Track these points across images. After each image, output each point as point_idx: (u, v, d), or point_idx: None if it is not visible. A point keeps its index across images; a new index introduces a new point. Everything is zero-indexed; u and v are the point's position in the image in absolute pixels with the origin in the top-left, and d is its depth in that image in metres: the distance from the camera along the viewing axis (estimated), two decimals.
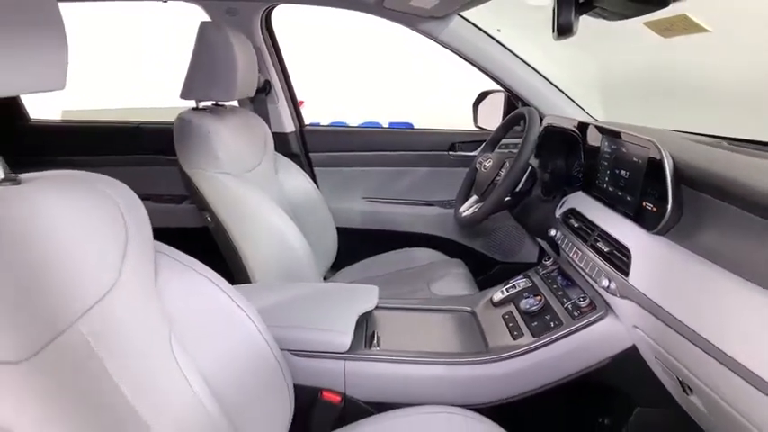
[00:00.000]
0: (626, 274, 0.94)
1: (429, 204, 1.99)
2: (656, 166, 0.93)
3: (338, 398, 1.06)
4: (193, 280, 0.88)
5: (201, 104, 1.42)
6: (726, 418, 0.74)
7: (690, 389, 0.84)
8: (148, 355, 0.75)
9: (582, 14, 0.96)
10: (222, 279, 0.90)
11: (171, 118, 1.42)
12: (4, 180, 0.67)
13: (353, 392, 1.07)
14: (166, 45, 3.41)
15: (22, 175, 0.69)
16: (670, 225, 0.89)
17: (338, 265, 1.85)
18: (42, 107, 2.06)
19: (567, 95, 1.76)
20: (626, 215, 1.03)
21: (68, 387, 0.61)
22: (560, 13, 0.91)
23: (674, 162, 0.91)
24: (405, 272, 1.71)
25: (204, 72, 1.34)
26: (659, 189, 0.91)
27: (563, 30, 0.92)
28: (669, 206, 0.88)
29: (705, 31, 0.87)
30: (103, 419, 0.64)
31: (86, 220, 0.70)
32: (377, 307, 1.23)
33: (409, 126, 2.44)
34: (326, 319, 1.11)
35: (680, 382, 0.87)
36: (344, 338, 1.06)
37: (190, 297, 0.86)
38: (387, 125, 3.47)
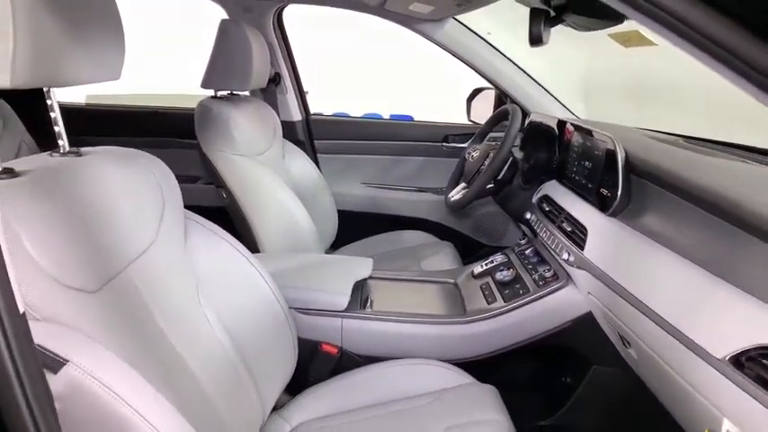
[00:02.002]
0: (582, 248, 1.12)
1: (423, 191, 2.16)
2: (611, 157, 1.10)
3: (335, 350, 1.24)
4: (217, 243, 1.05)
5: (219, 93, 1.59)
6: (651, 362, 0.91)
7: (628, 342, 1.01)
8: (181, 302, 0.92)
9: (552, 27, 1.12)
10: (240, 244, 1.07)
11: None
12: (69, 153, 0.83)
13: (348, 346, 1.25)
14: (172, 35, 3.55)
15: (82, 149, 0.85)
16: (620, 208, 1.06)
17: (337, 244, 2.01)
18: (65, 91, 2.22)
19: (551, 94, 1.92)
20: (587, 200, 1.20)
21: (124, 321, 0.76)
22: (532, 26, 1.07)
23: (626, 155, 1.07)
24: (398, 251, 1.88)
25: (224, 64, 1.51)
26: (613, 178, 1.08)
27: (535, 40, 1.09)
28: (619, 192, 1.05)
29: (653, 44, 1.03)
30: (150, 351, 0.79)
31: (133, 186, 0.87)
32: (371, 277, 1.40)
33: (409, 118, 2.59)
34: (327, 282, 1.28)
35: (621, 337, 1.04)
36: (342, 299, 1.24)
37: (213, 257, 1.03)
38: (388, 117, 3.63)
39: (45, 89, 0.76)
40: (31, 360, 0.46)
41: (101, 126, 2.05)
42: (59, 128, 0.82)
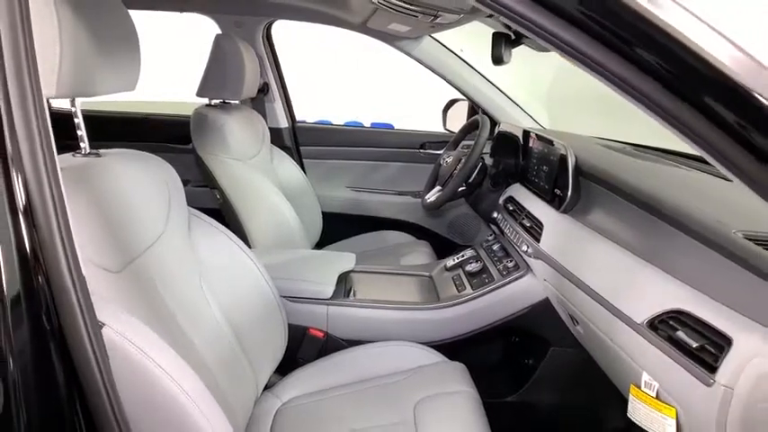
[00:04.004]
0: (538, 241, 1.28)
1: (402, 194, 2.31)
2: (564, 162, 1.26)
3: (322, 334, 1.37)
4: (217, 236, 1.17)
5: (213, 101, 1.72)
6: (592, 334, 1.07)
7: (576, 321, 1.17)
8: (186, 287, 1.04)
9: (513, 48, 1.29)
10: (237, 237, 1.20)
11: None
12: (90, 153, 0.95)
13: (334, 331, 1.38)
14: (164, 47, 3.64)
15: (101, 151, 0.97)
16: (570, 206, 1.23)
17: (322, 243, 2.15)
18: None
19: (519, 106, 2.09)
20: (544, 199, 1.36)
21: (142, 300, 0.88)
22: (494, 47, 1.24)
23: (576, 160, 1.24)
24: (379, 249, 2.02)
25: (218, 75, 1.64)
26: (565, 180, 1.24)
27: (496, 60, 1.25)
28: (569, 191, 1.21)
29: None
30: (165, 329, 0.90)
31: (145, 184, 0.99)
32: (354, 270, 1.54)
33: (390, 127, 2.73)
34: (314, 273, 1.42)
35: (570, 317, 1.20)
36: (328, 288, 1.38)
37: (213, 248, 1.16)
38: (369, 125, 3.77)
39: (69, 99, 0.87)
40: (93, 314, 0.59)
41: (93, 131, 2.13)
42: (82, 132, 0.93)
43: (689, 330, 0.76)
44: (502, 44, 1.23)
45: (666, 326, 0.81)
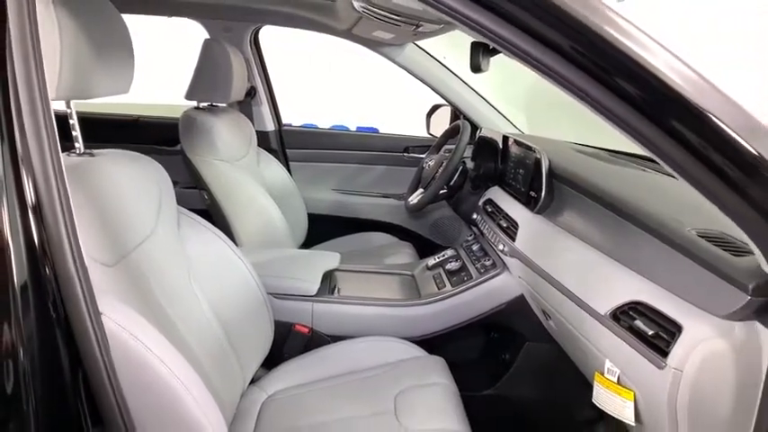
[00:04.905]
0: (513, 240, 1.34)
1: (386, 197, 2.36)
2: (539, 165, 1.33)
3: (307, 330, 1.42)
4: (205, 234, 1.21)
5: (202, 104, 1.76)
6: (563, 327, 1.14)
7: (548, 315, 1.24)
8: (176, 282, 1.08)
9: (491, 57, 1.35)
10: (225, 236, 1.24)
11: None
12: (84, 153, 0.99)
13: (318, 327, 1.43)
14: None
15: (94, 151, 1.01)
16: (544, 207, 1.29)
17: (308, 244, 2.19)
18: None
19: (499, 111, 2.17)
20: (520, 201, 1.43)
21: (134, 293, 0.92)
22: (473, 56, 1.29)
23: (549, 164, 1.30)
24: (363, 250, 2.08)
25: (207, 79, 1.68)
26: (539, 182, 1.31)
27: (475, 68, 1.31)
28: (543, 193, 1.28)
29: None
30: (157, 321, 0.93)
31: (137, 183, 1.03)
32: (338, 269, 1.59)
33: (374, 130, 2.78)
34: (299, 271, 1.47)
35: (543, 312, 1.27)
36: (313, 286, 1.42)
37: (202, 245, 1.20)
38: (354, 129, 3.83)
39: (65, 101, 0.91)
40: (95, 304, 0.63)
41: (84, 133, 2.15)
42: (77, 132, 0.97)
43: (645, 320, 0.83)
44: (480, 53, 1.29)
45: (627, 316, 0.88)
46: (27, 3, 0.58)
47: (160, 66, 2.74)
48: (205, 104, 1.79)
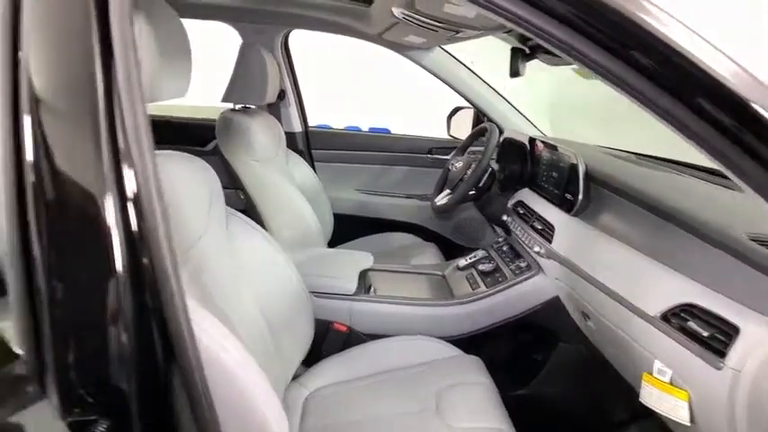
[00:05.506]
0: (550, 242, 1.37)
1: (409, 197, 2.39)
2: (574, 169, 1.35)
3: (345, 328, 1.44)
4: (251, 232, 1.24)
5: (237, 106, 1.79)
6: (604, 327, 1.16)
7: (587, 316, 1.26)
8: (226, 281, 1.11)
9: (527, 62, 1.38)
10: (270, 235, 1.26)
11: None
12: None
13: (356, 325, 1.46)
14: None
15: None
16: (581, 209, 1.32)
17: (332, 244, 2.22)
18: None
19: (522, 114, 2.19)
20: (554, 203, 1.45)
21: (196, 292, 0.96)
22: (512, 62, 1.33)
23: (586, 167, 1.33)
24: (389, 250, 2.10)
25: (244, 82, 1.71)
26: (575, 185, 1.33)
27: (514, 73, 1.34)
28: (580, 196, 1.30)
29: None
30: (215, 312, 0.98)
31: (192, 182, 1.06)
32: (371, 269, 1.62)
33: (387, 131, 2.80)
34: (337, 270, 1.50)
35: (582, 313, 1.29)
36: (351, 284, 1.45)
37: (249, 244, 1.22)
38: (367, 129, 3.84)
39: None
40: (183, 295, 0.66)
41: None
42: None
43: (699, 321, 0.85)
44: (519, 58, 1.32)
45: (678, 318, 0.90)
46: (127, 10, 0.61)
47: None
48: (239, 106, 1.82)
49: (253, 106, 1.88)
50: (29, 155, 0.60)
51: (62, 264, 0.62)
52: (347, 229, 2.27)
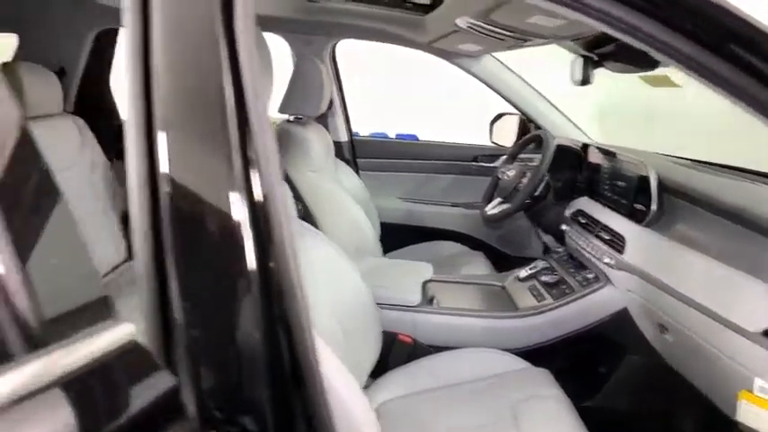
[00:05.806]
0: (621, 253, 1.34)
1: (455, 206, 2.37)
2: (644, 179, 1.33)
3: (410, 340, 1.43)
4: (320, 243, 1.24)
5: (292, 117, 1.80)
6: (687, 341, 1.13)
7: (665, 328, 1.23)
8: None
9: (595, 69, 1.37)
10: (337, 246, 1.26)
11: None
12: None
13: (420, 337, 1.45)
14: None
15: None
16: (654, 220, 1.29)
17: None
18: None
19: (571, 121, 2.16)
20: (621, 213, 1.42)
21: None
22: (583, 69, 1.31)
23: (657, 176, 1.30)
24: (437, 259, 2.08)
25: (300, 93, 1.72)
26: (647, 195, 1.31)
27: (583, 81, 1.32)
28: (654, 207, 1.28)
29: (678, 86, 1.27)
30: None
31: None
32: (431, 280, 1.61)
33: (414, 138, 2.78)
34: (400, 281, 1.49)
35: (659, 324, 1.26)
36: (415, 296, 1.44)
37: (319, 255, 1.22)
38: (394, 136, 3.84)
39: None
40: (308, 307, 0.66)
41: None
42: None
43: None
44: (588, 66, 1.31)
45: None
46: (251, 17, 0.62)
47: None
48: (293, 117, 1.83)
49: (304, 117, 1.89)
50: (163, 167, 0.61)
51: (195, 273, 0.62)
52: (393, 237, 2.26)
